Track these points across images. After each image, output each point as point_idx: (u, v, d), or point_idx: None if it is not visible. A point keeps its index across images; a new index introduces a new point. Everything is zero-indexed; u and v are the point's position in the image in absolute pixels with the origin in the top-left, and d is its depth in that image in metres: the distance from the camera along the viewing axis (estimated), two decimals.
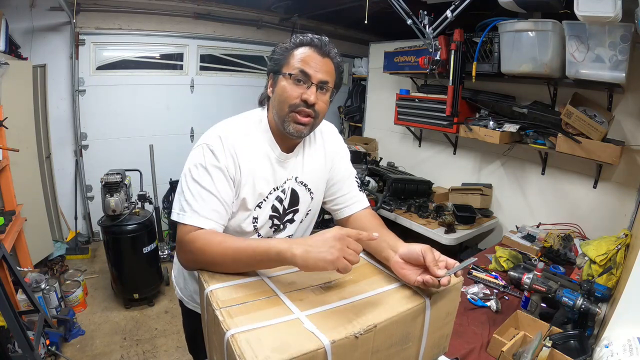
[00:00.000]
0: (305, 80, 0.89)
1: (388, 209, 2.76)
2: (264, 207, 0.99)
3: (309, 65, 0.89)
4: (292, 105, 0.89)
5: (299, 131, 0.91)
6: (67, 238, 3.31)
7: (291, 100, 0.89)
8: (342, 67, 0.96)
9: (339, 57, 0.95)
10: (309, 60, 0.89)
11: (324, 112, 0.94)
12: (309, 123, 0.91)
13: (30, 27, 2.91)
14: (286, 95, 0.89)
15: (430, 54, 2.52)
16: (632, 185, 2.05)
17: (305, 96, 0.88)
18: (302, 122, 0.90)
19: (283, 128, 0.92)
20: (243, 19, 3.83)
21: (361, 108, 4.23)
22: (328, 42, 0.92)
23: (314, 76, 0.89)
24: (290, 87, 0.89)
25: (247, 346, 0.58)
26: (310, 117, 0.91)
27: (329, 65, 0.91)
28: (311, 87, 0.89)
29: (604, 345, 1.11)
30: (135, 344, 2.27)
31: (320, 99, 0.91)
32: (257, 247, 0.77)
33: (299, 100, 0.89)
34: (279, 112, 0.92)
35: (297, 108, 0.89)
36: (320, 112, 0.92)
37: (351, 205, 1.07)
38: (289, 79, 0.89)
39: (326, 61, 0.91)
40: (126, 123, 3.48)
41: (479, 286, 1.74)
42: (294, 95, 0.89)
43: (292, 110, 0.90)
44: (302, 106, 0.89)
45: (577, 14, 1.65)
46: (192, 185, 0.89)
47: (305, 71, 0.88)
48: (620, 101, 2.06)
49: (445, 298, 0.79)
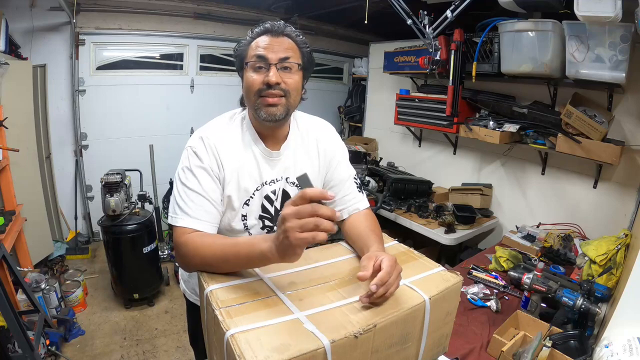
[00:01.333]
0: (264, 65, 0.89)
1: (388, 209, 2.76)
2: (252, 205, 0.98)
3: (265, 49, 0.89)
4: (257, 91, 0.89)
5: (271, 114, 0.90)
6: (67, 238, 3.31)
7: (255, 86, 0.89)
8: (306, 45, 0.95)
9: (300, 35, 0.94)
10: (264, 44, 0.89)
11: (295, 89, 0.93)
12: (279, 102, 0.90)
13: (30, 27, 2.91)
14: (249, 83, 0.90)
15: (430, 54, 2.52)
16: (632, 185, 2.05)
17: (267, 78, 0.88)
18: (270, 102, 0.89)
19: (258, 116, 0.92)
20: (243, 19, 3.83)
21: (361, 108, 4.23)
22: (283, 24, 0.92)
23: (272, 57, 0.88)
24: (252, 75, 0.90)
25: (246, 346, 0.58)
26: (278, 97, 0.90)
27: (286, 42, 0.91)
28: (271, 68, 0.88)
29: (604, 345, 1.11)
30: (135, 344, 2.27)
31: (286, 77, 0.90)
32: (242, 248, 0.77)
33: (262, 84, 0.89)
34: (249, 103, 0.93)
35: (262, 92, 0.89)
36: (289, 89, 0.91)
37: (350, 207, 1.06)
38: (250, 69, 0.90)
39: (282, 39, 0.91)
40: (126, 123, 3.48)
41: (479, 286, 1.74)
42: (257, 82, 0.89)
43: (259, 96, 0.90)
44: (267, 89, 0.89)
45: (577, 14, 1.65)
46: (181, 188, 0.91)
47: (261, 54, 0.88)
48: (620, 101, 2.06)
49: (445, 298, 0.79)
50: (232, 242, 0.81)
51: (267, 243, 0.71)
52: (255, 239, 0.76)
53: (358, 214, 1.05)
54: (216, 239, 0.84)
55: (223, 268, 0.80)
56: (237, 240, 0.81)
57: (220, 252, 0.79)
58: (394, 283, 0.70)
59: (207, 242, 0.83)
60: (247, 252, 0.76)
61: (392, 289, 0.70)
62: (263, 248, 0.72)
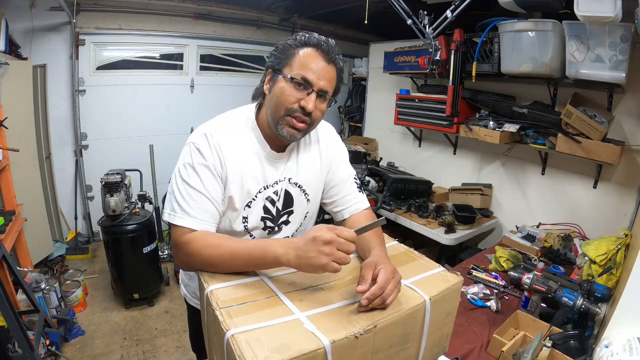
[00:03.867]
0: (306, 86, 0.86)
1: (388, 209, 2.76)
2: (254, 207, 0.97)
3: (312, 70, 0.85)
4: (289, 110, 0.87)
5: (292, 135, 0.90)
6: (67, 238, 3.31)
7: (289, 104, 0.86)
8: (343, 72, 0.94)
9: (342, 61, 0.92)
10: (312, 65, 0.85)
11: (319, 120, 0.94)
12: (303, 129, 0.89)
13: (30, 27, 2.91)
14: (284, 98, 0.87)
15: (430, 54, 2.52)
16: (632, 185, 2.05)
17: (304, 103, 0.86)
18: (297, 127, 0.88)
19: (276, 130, 0.90)
20: (243, 19, 3.83)
21: (361, 108, 4.23)
22: (334, 47, 0.88)
23: (316, 84, 0.86)
24: (289, 90, 0.86)
25: (247, 346, 0.58)
26: (305, 124, 0.89)
27: (332, 72, 0.88)
28: (311, 95, 0.86)
29: (604, 345, 1.11)
30: (135, 344, 2.27)
31: (318, 107, 0.89)
32: (254, 251, 0.77)
33: (297, 105, 0.86)
34: (274, 113, 0.89)
35: (293, 113, 0.87)
36: (315, 119, 0.91)
37: (351, 207, 1.06)
38: (289, 82, 0.86)
39: (330, 68, 0.87)
40: (126, 123, 3.48)
41: (479, 286, 1.74)
42: (292, 100, 0.86)
43: (288, 114, 0.87)
44: (299, 112, 0.87)
45: (577, 14, 1.65)
46: (181, 185, 0.89)
47: (307, 78, 0.85)
48: (620, 101, 2.06)
49: (445, 298, 0.79)
50: (241, 244, 0.80)
51: (282, 249, 0.74)
52: (268, 243, 0.77)
53: (359, 214, 1.05)
54: (222, 240, 0.83)
55: (227, 269, 0.80)
56: (246, 242, 0.81)
57: (229, 255, 0.79)
58: (391, 294, 0.70)
59: (213, 242, 0.82)
60: (259, 255, 0.76)
61: (390, 299, 0.70)
62: (278, 253, 0.74)
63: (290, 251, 0.73)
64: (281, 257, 0.74)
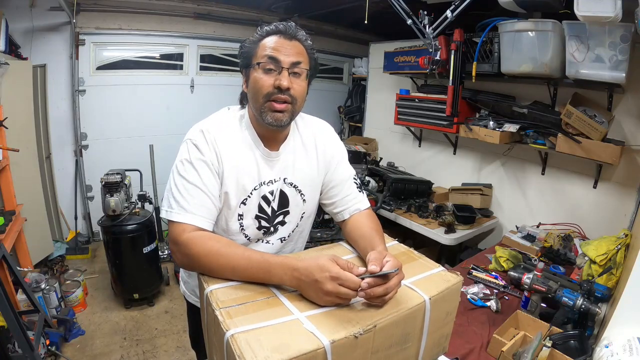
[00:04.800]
0: (276, 67, 0.87)
1: (388, 209, 2.76)
2: (249, 204, 0.97)
3: (277, 50, 0.87)
4: (267, 95, 0.88)
5: (277, 119, 0.89)
6: (67, 238, 3.31)
7: (264, 89, 0.87)
8: (314, 51, 0.94)
9: (309, 40, 0.93)
10: (276, 46, 0.87)
11: (302, 96, 0.93)
12: (286, 109, 0.89)
13: (30, 27, 2.91)
14: (259, 85, 0.88)
15: (430, 54, 2.52)
16: (632, 185, 2.05)
17: (278, 82, 0.86)
18: (278, 109, 0.88)
19: (262, 119, 0.90)
20: (243, 19, 3.83)
21: (361, 108, 4.23)
22: (294, 26, 0.90)
23: (284, 60, 0.87)
24: (261, 76, 0.88)
25: (246, 346, 0.58)
26: (287, 103, 0.89)
27: (298, 47, 0.90)
28: (283, 72, 0.87)
29: (604, 345, 1.11)
30: (135, 344, 2.27)
31: (295, 83, 0.89)
32: (258, 271, 0.76)
33: (272, 87, 0.87)
34: (255, 104, 0.91)
35: (271, 96, 0.87)
36: (297, 96, 0.90)
37: (351, 208, 1.06)
38: (259, 69, 0.88)
39: (294, 43, 0.89)
40: (126, 123, 3.48)
41: (479, 286, 1.74)
42: (267, 84, 0.87)
43: (268, 100, 0.88)
44: (277, 93, 0.87)
45: (577, 14, 1.65)
46: (179, 181, 0.89)
47: (274, 56, 0.87)
48: (620, 101, 2.06)
49: (445, 298, 0.79)
50: (243, 260, 0.77)
51: (286, 276, 0.73)
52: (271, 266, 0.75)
53: (360, 214, 1.05)
54: (222, 249, 0.79)
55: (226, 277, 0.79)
56: (249, 258, 0.78)
57: (230, 269, 0.78)
58: (394, 287, 0.70)
59: (213, 250, 0.79)
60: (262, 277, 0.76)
61: (392, 293, 0.70)
62: (284, 280, 0.74)
63: (294, 279, 0.72)
64: (286, 283, 0.74)
